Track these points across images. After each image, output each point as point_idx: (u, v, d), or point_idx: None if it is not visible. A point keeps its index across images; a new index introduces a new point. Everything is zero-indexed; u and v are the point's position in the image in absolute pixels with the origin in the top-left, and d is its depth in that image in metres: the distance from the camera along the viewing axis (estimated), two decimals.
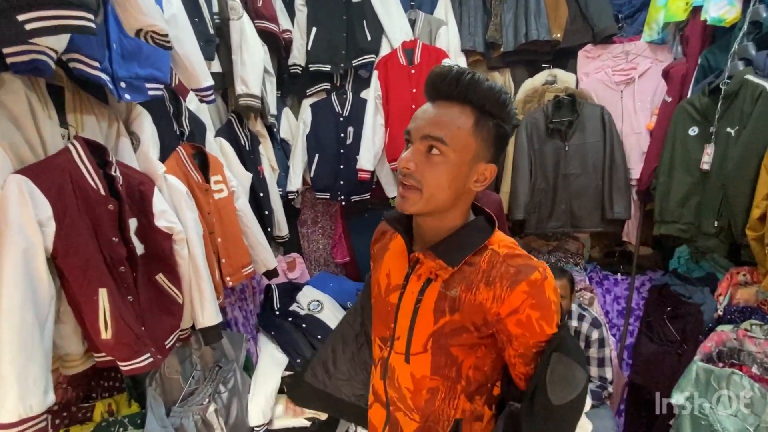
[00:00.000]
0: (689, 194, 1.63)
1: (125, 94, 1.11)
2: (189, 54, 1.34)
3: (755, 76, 1.40)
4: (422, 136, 0.66)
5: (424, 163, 0.65)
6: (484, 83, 0.64)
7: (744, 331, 1.49)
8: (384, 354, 0.79)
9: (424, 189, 0.65)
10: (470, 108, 0.65)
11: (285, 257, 2.45)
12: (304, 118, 2.41)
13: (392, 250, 0.81)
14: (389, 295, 0.78)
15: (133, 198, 1.15)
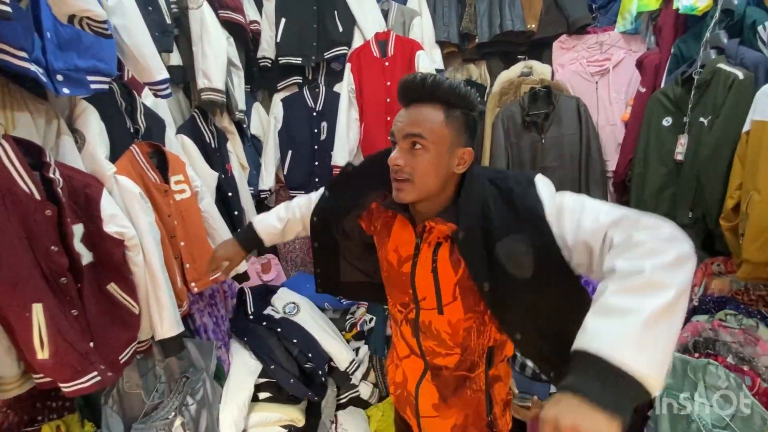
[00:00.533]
0: (664, 185, 1.62)
1: (63, 87, 1.01)
2: (139, 45, 1.24)
3: (727, 65, 1.39)
4: (404, 135, 0.77)
5: (410, 158, 0.77)
6: (445, 82, 0.76)
7: (719, 321, 1.49)
8: (410, 315, 0.91)
9: (414, 179, 0.77)
10: (438, 104, 0.77)
11: (259, 259, 2.36)
12: (275, 113, 2.32)
13: (395, 229, 0.93)
14: (402, 266, 0.90)
15: (78, 202, 1.06)
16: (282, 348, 1.81)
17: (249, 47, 2.25)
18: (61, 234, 0.98)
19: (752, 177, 1.22)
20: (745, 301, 1.44)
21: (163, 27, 1.56)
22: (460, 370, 0.90)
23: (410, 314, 0.92)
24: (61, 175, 1.01)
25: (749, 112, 1.25)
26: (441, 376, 0.92)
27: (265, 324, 1.89)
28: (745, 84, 1.30)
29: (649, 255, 0.56)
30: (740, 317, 1.43)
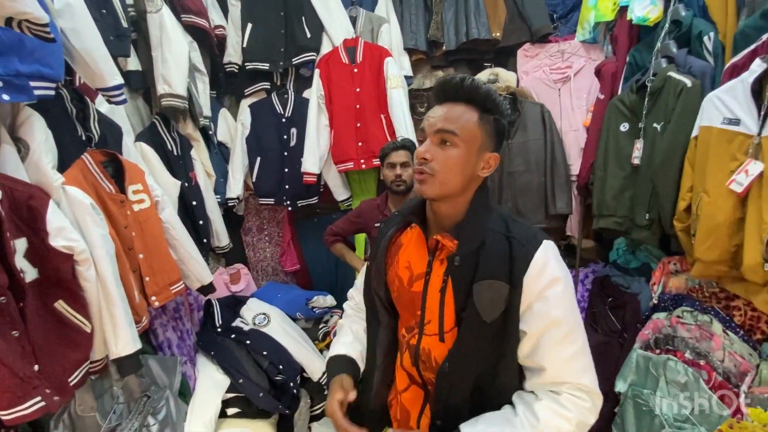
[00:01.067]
0: (623, 188, 1.68)
1: (3, 94, 0.95)
2: (90, 49, 1.19)
3: (677, 73, 1.46)
4: (435, 131, 0.77)
5: (438, 153, 0.77)
6: (483, 87, 0.77)
7: (677, 318, 1.55)
8: (411, 341, 0.86)
9: (438, 174, 0.76)
10: (473, 106, 0.77)
11: (228, 269, 2.30)
12: (242, 120, 2.27)
13: (406, 244, 0.89)
14: (413, 284, 0.85)
15: (20, 215, 0.99)
16: (251, 361, 1.75)
17: (214, 52, 2.20)
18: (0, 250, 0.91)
19: (701, 180, 1.28)
20: (699, 298, 1.51)
21: (119, 31, 1.50)
22: None
23: (412, 340, 0.86)
24: (1, 187, 0.95)
25: (697, 118, 1.31)
26: None
27: (234, 336, 1.83)
28: (693, 91, 1.37)
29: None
30: (696, 314, 1.49)
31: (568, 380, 0.73)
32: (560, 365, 0.73)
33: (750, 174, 1.13)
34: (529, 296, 0.74)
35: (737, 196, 1.16)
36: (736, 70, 1.24)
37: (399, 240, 0.91)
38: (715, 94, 1.25)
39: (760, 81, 1.13)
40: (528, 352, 0.75)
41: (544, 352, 0.73)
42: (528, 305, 0.74)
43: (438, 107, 0.79)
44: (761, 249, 1.09)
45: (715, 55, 1.40)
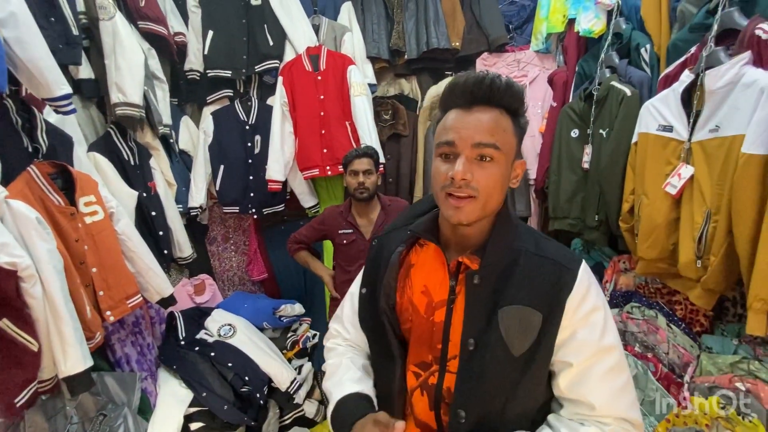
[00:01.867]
0: (575, 191, 1.76)
1: None
2: (35, 59, 1.15)
3: (619, 83, 1.55)
4: (473, 144, 0.64)
5: (477, 170, 0.65)
6: (514, 86, 0.66)
7: (626, 314, 1.63)
8: (430, 380, 0.73)
9: (480, 196, 0.65)
10: (504, 110, 0.66)
11: (192, 280, 2.25)
12: (204, 128, 2.24)
13: (418, 265, 0.77)
14: (433, 313, 0.72)
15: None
16: (216, 373, 1.72)
17: (174, 59, 2.16)
18: None
19: (641, 183, 1.36)
20: (646, 294, 1.60)
21: (69, 38, 1.45)
22: None
23: (431, 378, 0.73)
24: None
25: (636, 125, 1.40)
26: None
27: (198, 349, 1.79)
28: (632, 100, 1.46)
29: None
30: (643, 309, 1.58)
31: (617, 416, 0.63)
32: (611, 399, 0.63)
33: (682, 177, 1.21)
34: (572, 323, 0.65)
35: (672, 198, 1.25)
36: (669, 80, 1.33)
37: (408, 260, 0.78)
38: (651, 102, 1.34)
39: (689, 90, 1.22)
40: (570, 384, 0.65)
41: (594, 385, 0.63)
42: (571, 333, 0.65)
43: (462, 113, 0.66)
44: (693, 247, 1.17)
45: (651, 66, 1.50)
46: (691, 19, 1.29)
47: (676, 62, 1.32)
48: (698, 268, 1.16)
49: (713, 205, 1.11)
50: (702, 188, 1.15)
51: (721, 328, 1.39)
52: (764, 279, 0.95)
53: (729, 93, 1.07)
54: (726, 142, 1.08)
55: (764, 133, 0.97)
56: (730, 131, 1.07)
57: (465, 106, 0.66)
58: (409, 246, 0.78)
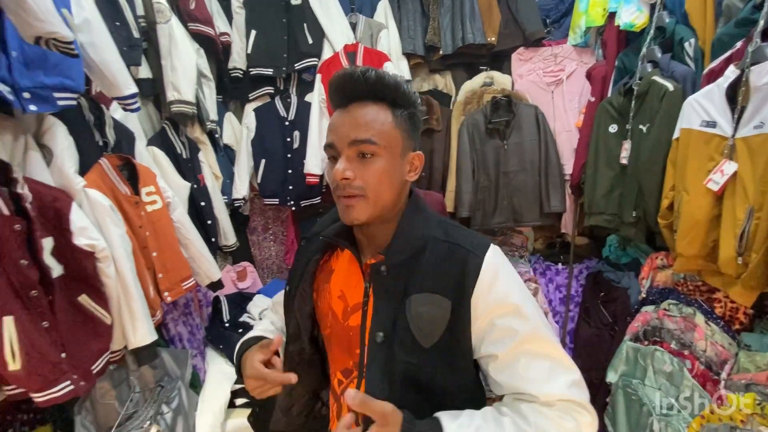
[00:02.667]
0: (612, 187, 1.75)
1: (30, 105, 1.03)
2: (107, 61, 1.27)
3: (661, 77, 1.53)
4: (350, 143, 0.64)
5: (360, 168, 0.64)
6: (389, 77, 0.65)
7: (663, 311, 1.62)
8: (350, 387, 0.71)
9: (368, 193, 0.64)
10: (383, 103, 0.66)
11: (235, 267, 2.38)
12: (247, 123, 2.35)
13: (337, 270, 0.75)
14: (349, 318, 0.71)
15: (47, 216, 1.08)
16: None
17: (220, 58, 2.28)
18: (31, 248, 1.00)
19: (682, 179, 1.35)
20: (684, 291, 1.58)
21: (131, 42, 1.58)
22: None
23: (351, 385, 0.71)
24: (30, 190, 1.03)
25: (678, 120, 1.38)
26: None
27: (241, 331, 1.92)
28: (675, 95, 1.44)
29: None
30: (680, 306, 1.56)
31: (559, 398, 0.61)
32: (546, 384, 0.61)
33: (725, 173, 1.20)
34: (486, 311, 0.63)
35: (714, 195, 1.24)
36: (713, 75, 1.30)
37: (329, 265, 0.77)
38: (694, 98, 1.32)
39: (734, 86, 1.20)
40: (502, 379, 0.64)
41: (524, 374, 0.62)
42: (489, 323, 0.63)
43: (340, 113, 0.66)
44: (734, 244, 1.16)
45: (695, 61, 1.47)
46: (738, 14, 1.26)
47: (720, 57, 1.30)
48: (739, 264, 1.15)
49: (756, 202, 1.10)
50: (745, 185, 1.14)
51: (762, 326, 1.36)
52: None
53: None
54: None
55: None
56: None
57: (342, 104, 0.66)
58: (329, 252, 0.77)
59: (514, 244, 2.43)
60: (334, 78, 0.66)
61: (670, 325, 1.62)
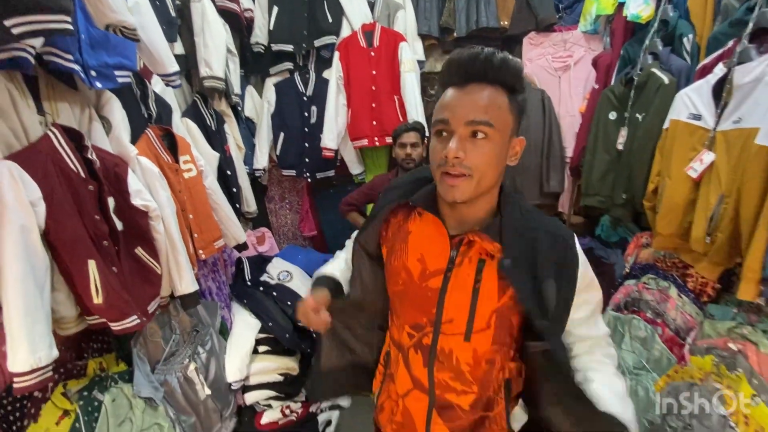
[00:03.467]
0: (607, 171, 1.89)
1: (96, 82, 1.19)
2: (154, 41, 1.41)
3: (660, 70, 1.64)
4: (467, 122, 0.66)
5: (471, 148, 0.66)
6: (512, 62, 0.67)
7: (643, 284, 1.80)
8: (424, 340, 0.78)
9: (474, 174, 0.66)
10: (500, 87, 0.67)
11: (254, 232, 2.58)
12: (268, 98, 2.49)
13: (416, 233, 0.80)
14: (428, 280, 0.76)
15: (110, 179, 1.26)
16: (278, 309, 2.06)
17: (243, 34, 2.39)
18: (101, 206, 1.18)
19: (667, 166, 1.49)
20: (662, 267, 1.75)
21: (169, 19, 1.71)
22: (478, 411, 0.78)
23: (425, 339, 0.78)
24: (97, 156, 1.21)
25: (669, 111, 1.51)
26: (455, 417, 0.78)
27: (262, 289, 2.13)
28: (669, 88, 1.56)
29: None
30: (658, 280, 1.74)
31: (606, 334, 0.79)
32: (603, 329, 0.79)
33: (704, 162, 1.34)
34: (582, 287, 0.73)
35: (693, 181, 1.38)
36: (705, 71, 1.42)
37: (406, 227, 0.81)
38: (685, 91, 1.44)
39: (720, 83, 1.32)
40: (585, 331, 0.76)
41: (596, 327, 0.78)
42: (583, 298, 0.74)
43: (457, 91, 0.68)
44: (705, 225, 1.32)
45: (692, 56, 1.58)
46: (733, 14, 1.36)
47: (713, 54, 1.41)
48: (707, 243, 1.31)
49: (727, 190, 1.25)
50: (720, 174, 1.28)
51: (726, 299, 1.54)
52: (757, 254, 1.10)
53: (754, 88, 1.18)
54: (744, 133, 1.20)
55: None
56: (749, 123, 1.19)
57: (460, 83, 0.67)
58: (406, 213, 0.82)
59: None
60: (457, 56, 0.68)
61: (647, 297, 1.80)
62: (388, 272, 0.83)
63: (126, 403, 1.29)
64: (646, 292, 1.80)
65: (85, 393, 1.21)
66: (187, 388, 1.58)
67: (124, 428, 1.25)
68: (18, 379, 0.92)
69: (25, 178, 0.97)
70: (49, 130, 1.08)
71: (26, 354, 0.91)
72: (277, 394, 1.94)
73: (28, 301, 0.92)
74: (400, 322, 0.83)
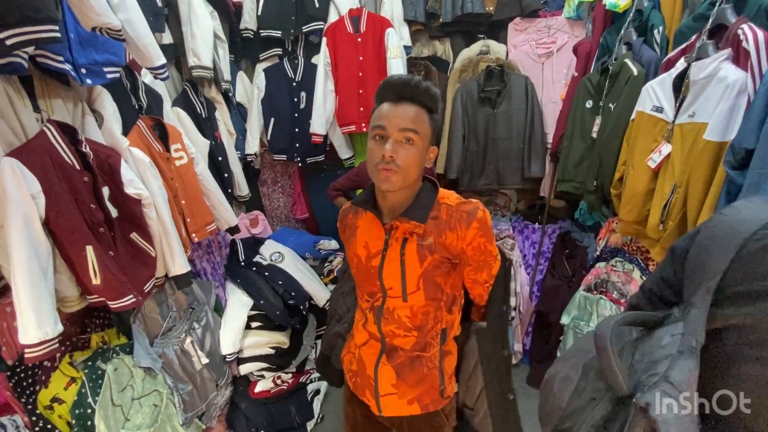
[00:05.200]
0: (582, 158, 1.96)
1: (87, 79, 1.27)
2: (140, 36, 1.47)
3: (631, 61, 1.68)
4: (400, 129, 0.87)
5: (401, 150, 0.87)
6: (431, 89, 0.89)
7: (611, 267, 1.91)
8: (376, 303, 1.02)
9: (401, 170, 0.87)
10: (423, 107, 0.90)
11: (248, 215, 2.69)
12: (258, 83, 2.54)
13: (362, 227, 1.03)
14: (371, 260, 1.00)
15: (103, 170, 1.35)
16: (269, 288, 2.19)
17: (232, 19, 2.42)
18: (96, 195, 1.28)
19: (631, 156, 1.57)
20: (629, 251, 1.85)
21: (155, 10, 1.76)
22: (416, 351, 1.01)
23: (377, 302, 1.02)
24: (90, 149, 1.30)
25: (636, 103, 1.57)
26: (397, 357, 1.01)
27: (255, 269, 2.26)
28: (638, 79, 1.61)
29: None
30: (624, 263, 1.85)
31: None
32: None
33: (662, 154, 1.42)
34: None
35: (652, 171, 1.46)
36: (670, 64, 1.47)
37: (355, 222, 1.06)
38: (651, 84, 1.50)
39: (681, 77, 1.38)
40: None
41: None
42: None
43: (392, 106, 0.88)
44: (659, 213, 1.41)
45: (661, 48, 1.61)
46: (697, 9, 1.40)
47: (678, 48, 1.46)
48: (660, 230, 1.41)
49: (679, 180, 1.33)
50: (674, 165, 1.36)
51: None
52: None
53: (707, 84, 1.25)
54: (696, 127, 1.27)
55: (720, 124, 1.16)
56: (700, 118, 1.26)
57: (394, 100, 0.89)
58: (354, 212, 1.07)
59: (498, 204, 2.68)
60: (392, 80, 0.89)
61: (614, 279, 1.92)
62: (348, 259, 1.09)
63: (127, 372, 1.44)
64: (614, 274, 1.91)
65: (89, 363, 1.35)
66: (184, 360, 1.73)
67: (126, 394, 1.40)
68: (28, 350, 1.05)
69: (25, 172, 1.07)
70: (45, 127, 1.17)
71: (34, 329, 1.03)
72: (269, 365, 2.10)
73: (34, 282, 1.04)
74: (360, 293, 1.09)
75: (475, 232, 0.93)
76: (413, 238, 0.95)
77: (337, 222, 1.14)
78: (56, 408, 1.26)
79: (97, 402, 1.29)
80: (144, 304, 1.68)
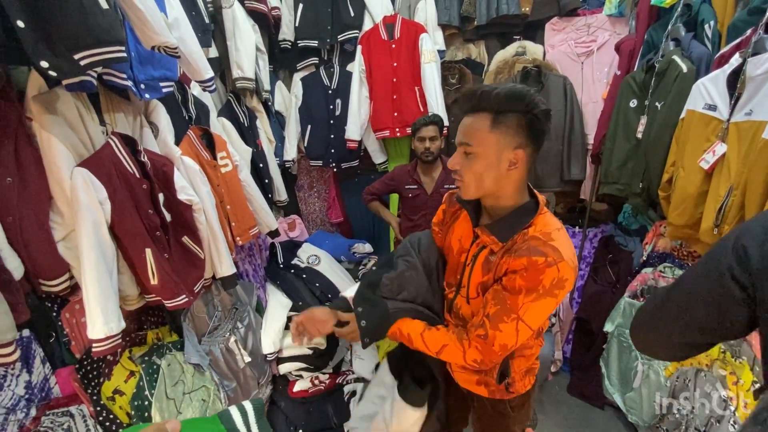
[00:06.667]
0: (627, 159, 1.89)
1: (146, 93, 1.37)
2: (192, 52, 1.57)
3: (680, 58, 1.61)
4: (458, 143, 0.92)
5: (463, 162, 0.91)
6: (493, 92, 0.85)
7: (659, 273, 1.83)
8: (449, 295, 1.08)
9: (465, 180, 0.91)
10: (485, 113, 0.86)
11: (285, 219, 2.78)
12: (295, 92, 2.63)
13: (461, 220, 1.09)
14: (460, 255, 1.05)
15: (159, 178, 1.45)
16: (307, 290, 2.25)
17: (271, 31, 2.52)
18: (153, 201, 1.38)
19: (681, 156, 1.50)
20: (679, 256, 1.76)
21: (204, 27, 1.87)
22: None
23: (450, 294, 1.08)
24: (148, 158, 1.40)
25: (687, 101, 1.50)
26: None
27: (293, 271, 2.33)
28: (687, 77, 1.54)
29: None
30: (674, 269, 1.76)
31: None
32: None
33: (716, 154, 1.34)
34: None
35: (705, 173, 1.39)
36: (723, 60, 1.39)
37: (459, 214, 1.10)
38: (702, 81, 1.43)
39: (735, 73, 1.31)
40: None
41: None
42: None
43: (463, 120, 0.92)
44: (713, 217, 1.33)
45: (713, 43, 1.53)
46: (752, 1, 1.33)
47: (732, 43, 1.38)
48: (714, 234, 1.33)
49: (736, 182, 1.26)
50: (730, 165, 1.29)
51: None
52: None
53: (765, 80, 1.18)
54: (754, 126, 1.20)
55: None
56: (759, 116, 1.19)
57: (463, 113, 0.93)
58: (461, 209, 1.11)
59: None
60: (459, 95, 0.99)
61: (662, 285, 1.83)
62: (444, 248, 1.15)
63: (179, 368, 1.53)
64: (662, 280, 1.82)
65: (146, 358, 1.45)
66: (229, 358, 1.81)
67: (178, 388, 1.48)
68: (96, 345, 1.15)
69: (94, 181, 1.17)
70: (110, 138, 1.27)
71: (101, 325, 1.12)
72: (307, 366, 2.15)
73: (102, 282, 1.14)
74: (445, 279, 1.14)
75: (518, 267, 0.84)
76: (487, 249, 0.96)
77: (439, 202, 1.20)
78: (117, 399, 1.36)
79: (153, 395, 1.38)
80: (193, 304, 1.78)
